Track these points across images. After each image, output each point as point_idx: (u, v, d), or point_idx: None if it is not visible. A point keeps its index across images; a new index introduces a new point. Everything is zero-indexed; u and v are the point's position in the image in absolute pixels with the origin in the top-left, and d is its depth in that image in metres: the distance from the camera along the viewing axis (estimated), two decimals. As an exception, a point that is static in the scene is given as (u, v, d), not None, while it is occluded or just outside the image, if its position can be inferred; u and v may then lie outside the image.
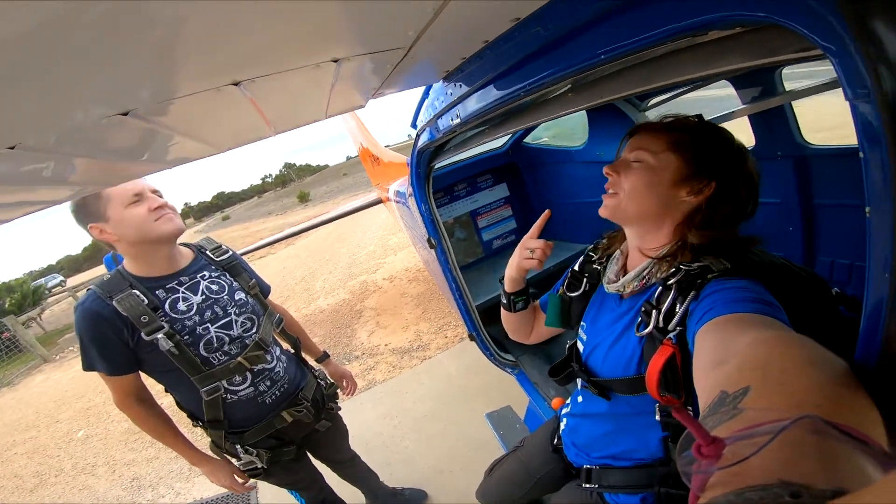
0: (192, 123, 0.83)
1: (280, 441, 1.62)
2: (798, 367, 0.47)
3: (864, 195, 1.20)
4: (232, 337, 1.46)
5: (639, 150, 0.91)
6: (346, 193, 32.19)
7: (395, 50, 0.71)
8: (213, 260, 1.59)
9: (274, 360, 1.58)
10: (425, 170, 2.09)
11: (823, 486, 0.29)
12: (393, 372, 4.02)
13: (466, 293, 2.40)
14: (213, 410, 1.44)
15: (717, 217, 0.87)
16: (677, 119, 0.93)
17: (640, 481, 1.01)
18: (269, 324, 1.61)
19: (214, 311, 1.45)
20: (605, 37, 0.64)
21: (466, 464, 2.64)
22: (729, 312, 0.68)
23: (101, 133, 0.73)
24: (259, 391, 1.51)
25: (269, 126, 1.01)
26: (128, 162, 0.99)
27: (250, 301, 1.58)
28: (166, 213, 1.38)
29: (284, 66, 0.65)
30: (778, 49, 0.52)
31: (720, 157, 0.86)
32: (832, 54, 0.41)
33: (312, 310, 6.79)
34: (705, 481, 0.35)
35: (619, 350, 0.96)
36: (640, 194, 0.90)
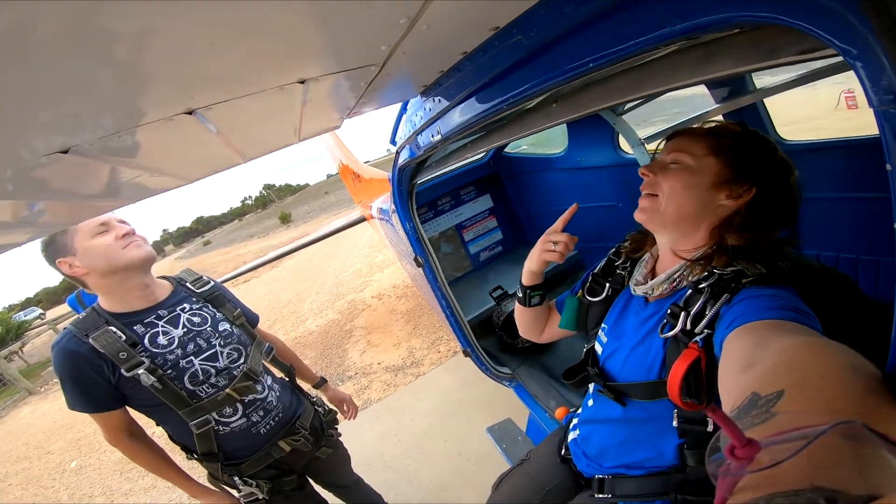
0: (148, 157, 0.77)
1: (280, 471, 1.58)
2: (836, 373, 0.44)
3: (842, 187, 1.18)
4: (218, 369, 1.43)
5: (677, 153, 0.89)
6: (328, 212, 32.06)
7: (369, 67, 0.66)
8: (193, 292, 1.55)
9: (265, 389, 1.54)
10: (407, 187, 2.05)
11: (858, 491, 0.28)
12: (388, 390, 3.94)
13: (457, 309, 2.35)
14: (205, 443, 1.40)
15: (756, 221, 0.85)
16: (720, 125, 0.92)
17: (655, 489, 0.98)
18: (257, 353, 1.57)
19: (198, 343, 1.42)
20: (593, 42, 0.60)
21: (471, 479, 2.58)
22: (762, 318, 0.66)
23: (48, 172, 0.66)
24: (252, 422, 1.47)
25: (238, 154, 0.95)
26: (87, 200, 0.92)
27: (236, 331, 1.54)
28: (134, 241, 1.36)
29: (243, 91, 0.59)
30: (779, 50, 0.48)
31: (761, 164, 0.85)
32: (852, 58, 0.37)
33: (301, 332, 6.66)
34: (734, 484, 0.33)
35: (642, 354, 0.93)
36: (679, 195, 0.88)
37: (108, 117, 0.54)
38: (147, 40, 0.41)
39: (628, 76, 0.69)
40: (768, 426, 0.39)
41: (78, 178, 0.79)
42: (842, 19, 0.36)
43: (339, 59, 0.61)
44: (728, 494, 0.34)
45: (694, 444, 0.89)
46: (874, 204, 1.68)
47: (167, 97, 0.53)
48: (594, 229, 2.98)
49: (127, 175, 0.87)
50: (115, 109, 0.53)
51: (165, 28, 0.39)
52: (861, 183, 1.71)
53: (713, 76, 0.55)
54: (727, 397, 0.54)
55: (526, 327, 1.36)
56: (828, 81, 2.36)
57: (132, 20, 0.36)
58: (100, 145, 0.61)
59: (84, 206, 1.02)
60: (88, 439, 5.55)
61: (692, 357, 0.77)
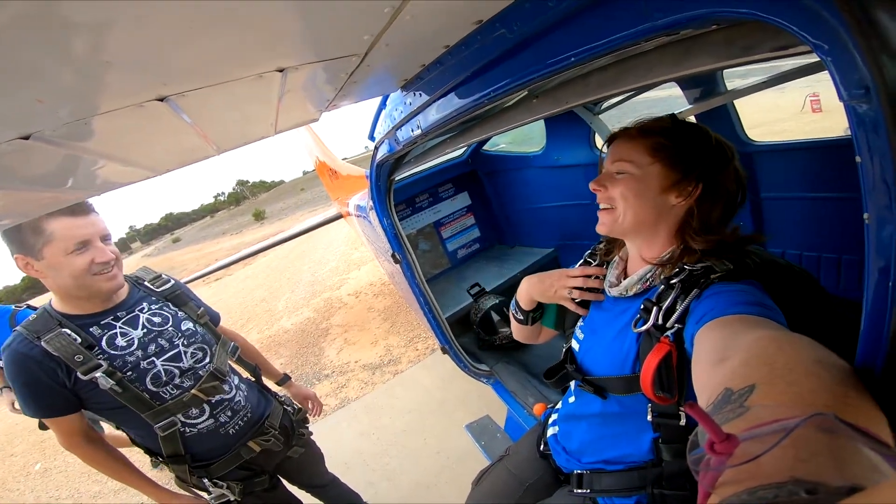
0: (116, 145, 0.73)
1: (251, 471, 1.55)
2: (804, 366, 0.45)
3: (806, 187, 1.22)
4: (182, 369, 1.39)
5: (621, 162, 0.90)
6: (304, 209, 31.60)
7: (350, 57, 0.64)
8: (151, 291, 1.50)
9: (232, 389, 1.51)
10: (385, 183, 2.03)
11: (837, 483, 0.29)
12: (366, 388, 3.90)
13: (435, 306, 2.35)
14: (171, 445, 1.36)
15: (713, 218, 0.87)
16: (652, 122, 0.91)
17: (632, 484, 0.99)
18: (223, 352, 1.53)
19: (159, 343, 1.37)
20: (576, 37, 0.60)
21: (451, 476, 2.57)
22: (730, 313, 0.67)
23: (7, 161, 0.62)
24: (220, 422, 1.43)
25: (211, 144, 0.92)
26: (48, 190, 0.87)
27: (199, 330, 1.50)
28: (110, 272, 1.30)
29: (219, 78, 0.57)
30: (753, 47, 0.49)
31: (702, 156, 0.85)
32: (824, 53, 0.38)
33: (276, 330, 6.52)
34: (716, 479, 0.34)
35: (616, 348, 0.95)
36: (633, 204, 0.89)
37: (74, 102, 0.51)
38: (117, 22, 0.38)
39: (608, 72, 0.70)
40: (743, 420, 0.39)
41: (39, 166, 0.74)
42: (816, 16, 0.37)
43: (319, 48, 0.59)
44: (710, 489, 0.34)
45: (668, 439, 0.91)
46: (836, 203, 1.76)
47: (138, 82, 0.50)
48: (571, 227, 3.02)
49: (93, 165, 0.82)
50: (81, 94, 0.50)
51: (138, 9, 0.37)
52: (824, 183, 1.78)
53: (690, 72, 0.56)
54: (701, 393, 0.55)
55: (525, 338, 1.37)
56: (794, 85, 2.46)
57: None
58: (64, 132, 0.58)
59: (42, 196, 0.97)
60: (52, 441, 5.24)
61: (664, 351, 0.79)
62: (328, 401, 3.88)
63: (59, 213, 1.20)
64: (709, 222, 0.86)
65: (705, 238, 0.85)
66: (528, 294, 1.21)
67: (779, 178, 1.92)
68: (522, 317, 1.25)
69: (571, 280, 1.09)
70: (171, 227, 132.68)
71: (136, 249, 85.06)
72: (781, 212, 1.97)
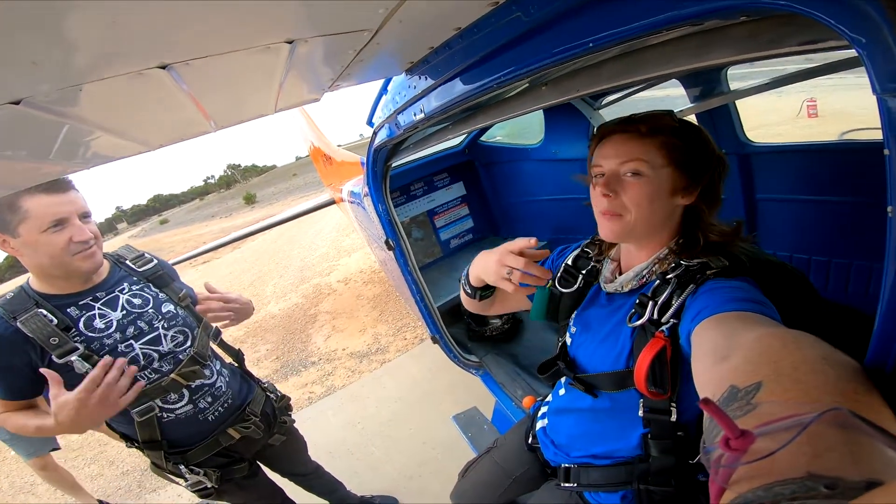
0: (111, 115, 0.70)
1: (230, 458, 1.53)
2: (810, 364, 0.45)
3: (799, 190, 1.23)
4: (162, 353, 1.35)
5: (634, 162, 0.84)
6: (295, 195, 31.29)
7: (361, 32, 0.62)
8: (133, 271, 1.45)
9: (214, 374, 1.48)
10: (382, 168, 2.00)
11: (855, 478, 0.29)
12: (352, 377, 3.89)
13: (427, 295, 2.34)
14: (147, 431, 1.33)
15: (710, 215, 0.88)
16: (656, 119, 0.87)
17: (619, 479, 1.00)
18: (205, 336, 1.49)
19: (138, 326, 1.33)
20: (595, 23, 0.58)
21: (437, 467, 2.58)
22: (728, 310, 0.67)
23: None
24: (199, 408, 1.41)
25: (209, 120, 0.89)
26: (33, 161, 0.83)
27: (181, 313, 1.46)
28: (88, 249, 1.25)
29: (226, 47, 0.54)
30: (779, 40, 0.48)
31: (707, 161, 0.86)
32: (861, 46, 0.38)
33: (263, 315, 6.47)
34: (730, 475, 0.34)
35: (610, 344, 0.94)
36: (646, 209, 0.86)
37: (72, 66, 0.48)
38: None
39: (622, 61, 0.68)
40: (751, 418, 0.39)
41: (26, 134, 0.71)
42: (858, 10, 0.37)
43: (333, 19, 0.56)
44: (725, 485, 0.34)
45: (657, 434, 0.91)
46: (829, 207, 1.78)
47: (142, 46, 0.48)
48: (565, 221, 3.02)
49: (84, 136, 0.79)
50: (82, 57, 0.47)
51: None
52: (818, 187, 1.80)
53: (710, 63, 0.55)
54: (703, 390, 0.55)
55: (474, 310, 1.31)
56: (792, 89, 2.48)
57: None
58: (57, 98, 0.55)
59: (28, 168, 0.93)
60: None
61: (658, 346, 0.79)
62: (314, 388, 3.87)
63: (36, 189, 1.15)
64: (708, 222, 0.88)
65: (706, 234, 0.86)
66: (474, 270, 1.13)
67: (774, 179, 1.94)
68: (470, 291, 1.19)
69: (510, 258, 0.96)
70: (159, 209, 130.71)
71: (123, 230, 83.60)
72: (775, 213, 1.99)
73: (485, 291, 1.19)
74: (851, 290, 1.78)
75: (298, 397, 3.77)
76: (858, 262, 1.73)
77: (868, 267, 1.70)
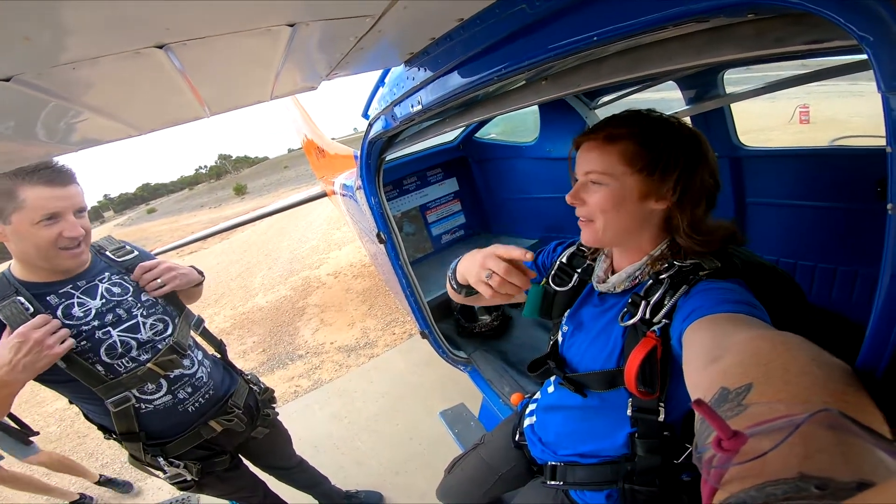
0: (104, 96, 0.68)
1: (211, 451, 1.51)
2: (799, 365, 0.45)
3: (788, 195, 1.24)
4: (140, 341, 1.33)
5: (593, 174, 0.86)
6: (286, 186, 31.02)
7: (364, 18, 0.61)
8: (113, 261, 1.43)
9: (195, 364, 1.45)
10: (376, 161, 1.99)
11: (846, 478, 0.29)
12: (340, 371, 3.87)
13: (418, 289, 2.33)
14: (124, 422, 1.30)
15: (697, 215, 0.85)
16: (618, 125, 0.86)
17: (605, 478, 1.01)
18: (185, 326, 1.47)
19: (117, 313, 1.32)
20: (601, 16, 0.58)
21: (423, 463, 2.58)
22: (719, 312, 0.68)
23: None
24: (178, 399, 1.38)
25: (204, 105, 0.87)
26: (16, 142, 0.81)
27: (161, 301, 1.44)
28: (76, 250, 1.24)
29: (226, 28, 0.53)
30: (785, 39, 0.48)
31: (677, 157, 0.82)
32: (868, 45, 0.39)
33: (250, 307, 6.41)
34: (721, 475, 0.34)
35: (602, 343, 0.95)
36: (612, 216, 0.87)
37: (66, 43, 0.47)
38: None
39: (624, 57, 0.68)
40: (743, 418, 0.39)
41: (14, 113, 0.69)
42: (867, 9, 0.38)
43: (335, 3, 0.55)
44: (717, 486, 0.34)
45: (644, 434, 0.92)
46: (817, 213, 1.80)
47: (141, 24, 0.46)
48: (558, 220, 3.03)
49: (74, 117, 0.77)
50: (77, 34, 0.46)
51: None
52: (808, 192, 1.82)
53: (714, 61, 0.55)
54: (694, 391, 0.56)
55: (460, 301, 1.23)
56: (785, 95, 2.50)
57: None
58: (49, 76, 0.53)
59: (11, 149, 0.90)
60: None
61: (649, 346, 0.79)
62: (301, 382, 3.84)
63: (38, 179, 1.14)
64: (694, 221, 0.85)
65: (695, 238, 0.84)
66: (460, 268, 1.07)
67: (765, 184, 1.96)
68: (455, 286, 1.14)
69: (492, 261, 0.89)
70: (148, 198, 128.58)
71: (109, 218, 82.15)
72: (764, 217, 2.01)
73: (470, 288, 1.11)
74: (835, 295, 1.81)
75: (285, 390, 3.74)
76: (843, 267, 1.76)
77: (853, 272, 1.73)
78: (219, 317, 6.36)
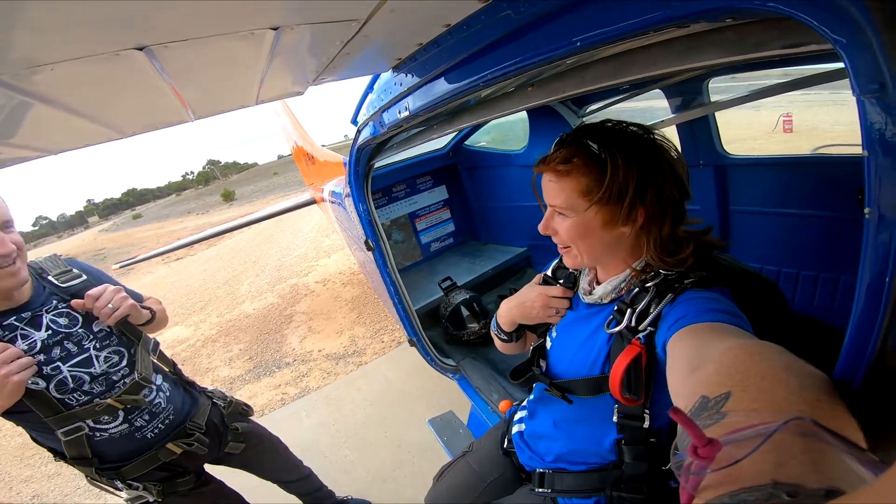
0: (83, 98, 0.67)
1: (172, 472, 1.43)
2: (776, 373, 0.46)
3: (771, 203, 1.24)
4: (93, 375, 1.25)
5: (557, 207, 0.88)
6: (275, 193, 30.82)
7: (350, 22, 0.61)
8: (57, 287, 1.31)
9: (153, 392, 1.38)
10: (365, 168, 1.98)
11: (816, 485, 0.29)
12: (328, 379, 3.82)
13: (406, 297, 2.32)
14: (75, 448, 1.24)
15: (664, 235, 0.83)
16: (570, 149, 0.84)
17: (592, 485, 1.00)
18: (145, 353, 1.39)
19: (65, 347, 1.23)
20: (584, 22, 0.58)
21: (411, 471, 2.55)
22: (702, 321, 0.68)
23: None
24: (135, 427, 1.32)
25: (187, 108, 0.86)
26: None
27: (115, 331, 1.35)
28: (10, 267, 1.12)
29: (208, 30, 0.52)
30: (764, 43, 0.49)
31: (635, 181, 0.80)
32: (842, 48, 0.39)
33: (237, 315, 6.33)
34: (699, 482, 0.35)
35: (587, 349, 0.94)
36: (582, 244, 0.89)
37: (43, 43, 0.46)
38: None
39: (609, 63, 0.69)
40: (720, 427, 0.40)
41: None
42: (843, 13, 0.38)
43: (320, 6, 0.55)
44: (694, 492, 0.35)
45: (631, 440, 0.92)
46: (800, 220, 1.83)
47: (120, 25, 0.45)
48: (546, 228, 3.04)
49: (52, 119, 0.75)
50: (54, 34, 0.44)
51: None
52: (790, 200, 1.85)
53: (696, 65, 0.55)
54: (677, 400, 0.56)
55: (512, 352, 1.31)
56: (769, 104, 2.55)
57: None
58: (27, 77, 0.52)
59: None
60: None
61: (634, 353, 0.79)
62: (288, 389, 3.79)
63: None
64: (663, 240, 0.83)
65: (666, 260, 0.83)
66: (509, 318, 1.17)
67: (749, 191, 1.99)
68: (506, 337, 1.22)
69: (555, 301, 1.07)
70: (133, 203, 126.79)
71: (94, 224, 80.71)
72: (748, 225, 2.04)
73: (519, 331, 1.21)
74: (817, 302, 1.84)
75: (271, 398, 3.69)
76: (825, 274, 1.79)
77: (835, 279, 1.76)
78: (205, 324, 6.27)
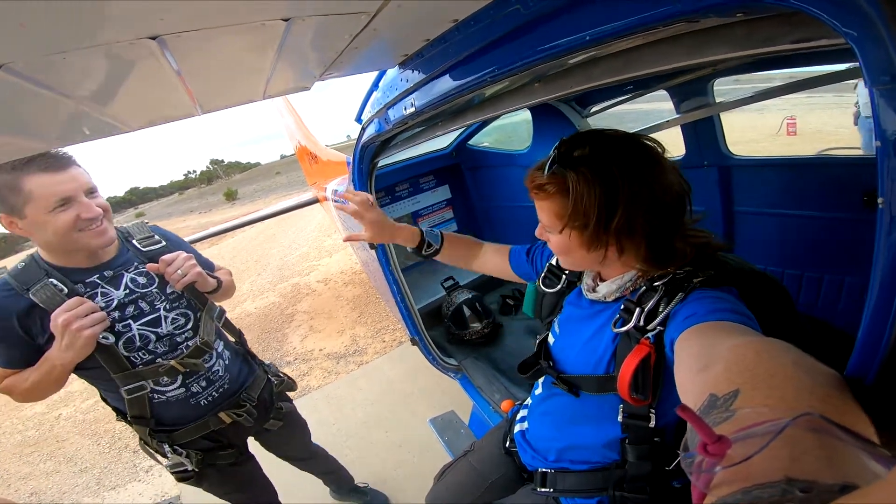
0: (93, 89, 0.67)
1: (217, 443, 1.49)
2: (785, 370, 0.46)
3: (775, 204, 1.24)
4: (159, 335, 1.33)
5: (544, 224, 0.91)
6: (278, 192, 30.87)
7: (359, 14, 0.61)
8: (139, 251, 1.42)
9: (213, 358, 1.45)
10: (368, 166, 1.98)
11: (830, 481, 0.29)
12: (329, 378, 3.83)
13: (408, 296, 2.32)
14: (136, 408, 1.32)
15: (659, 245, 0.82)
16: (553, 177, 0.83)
17: (595, 485, 1.00)
18: (209, 320, 1.46)
19: (139, 306, 1.32)
20: (593, 16, 0.58)
21: (412, 471, 2.55)
22: (710, 320, 0.68)
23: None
24: (191, 392, 1.39)
25: (195, 102, 0.86)
26: (4, 135, 0.79)
27: (185, 294, 1.43)
28: (96, 227, 1.23)
29: (221, 20, 0.52)
30: (774, 38, 0.49)
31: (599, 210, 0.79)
32: (853, 40, 0.39)
33: (238, 313, 6.32)
34: (710, 480, 0.35)
35: (592, 347, 0.94)
36: (571, 258, 0.92)
37: (60, 31, 0.46)
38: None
39: (618, 58, 0.69)
40: (730, 424, 0.40)
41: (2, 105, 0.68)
42: (854, 5, 0.38)
43: None
44: (706, 490, 0.35)
45: (635, 440, 0.92)
46: (805, 221, 1.83)
47: (136, 13, 0.45)
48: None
49: (61, 109, 0.76)
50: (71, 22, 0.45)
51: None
52: (795, 201, 1.85)
53: (705, 60, 0.55)
54: (685, 398, 0.56)
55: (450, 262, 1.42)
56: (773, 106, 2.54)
57: None
58: (41, 65, 0.52)
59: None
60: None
61: (643, 353, 0.79)
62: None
63: (35, 169, 1.13)
64: (646, 256, 0.83)
65: (659, 269, 0.83)
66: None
67: (753, 192, 1.99)
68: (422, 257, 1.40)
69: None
70: (136, 202, 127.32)
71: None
72: (752, 226, 2.04)
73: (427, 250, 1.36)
74: (822, 303, 1.83)
75: (272, 397, 3.69)
76: (830, 275, 1.78)
77: (839, 281, 1.75)
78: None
